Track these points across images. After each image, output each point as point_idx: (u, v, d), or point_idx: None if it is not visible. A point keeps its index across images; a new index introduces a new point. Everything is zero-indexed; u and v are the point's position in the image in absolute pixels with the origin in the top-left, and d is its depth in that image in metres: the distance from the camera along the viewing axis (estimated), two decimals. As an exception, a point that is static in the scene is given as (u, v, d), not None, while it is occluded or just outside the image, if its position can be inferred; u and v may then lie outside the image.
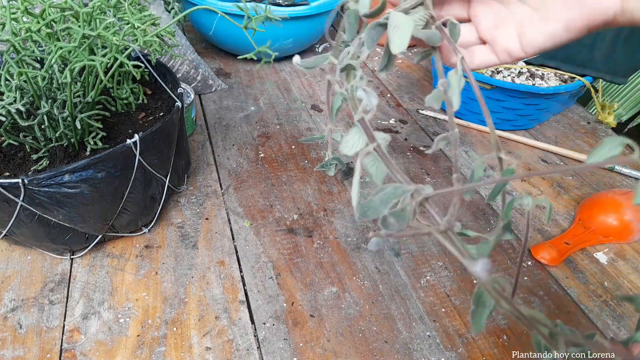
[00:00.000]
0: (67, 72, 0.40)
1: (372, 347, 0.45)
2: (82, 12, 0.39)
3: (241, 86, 0.88)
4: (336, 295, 0.49)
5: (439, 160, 0.71)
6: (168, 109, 0.55)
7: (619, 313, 0.49)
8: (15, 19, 0.38)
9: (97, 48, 0.45)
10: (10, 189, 0.40)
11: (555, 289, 0.52)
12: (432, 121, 0.81)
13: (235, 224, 0.57)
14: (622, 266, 0.55)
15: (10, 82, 0.42)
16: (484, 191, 0.65)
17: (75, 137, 0.48)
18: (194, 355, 0.43)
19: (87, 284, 0.49)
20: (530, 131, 0.79)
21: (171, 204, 0.59)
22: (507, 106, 0.75)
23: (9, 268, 0.50)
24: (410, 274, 0.52)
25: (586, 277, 0.53)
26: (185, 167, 0.60)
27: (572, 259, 0.56)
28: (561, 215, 0.62)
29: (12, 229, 0.45)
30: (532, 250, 0.56)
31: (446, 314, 0.48)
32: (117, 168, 0.44)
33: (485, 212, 0.62)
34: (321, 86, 0.90)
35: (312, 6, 0.88)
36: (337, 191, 0.64)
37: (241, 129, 0.75)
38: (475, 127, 0.79)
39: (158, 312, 0.47)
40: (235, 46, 0.93)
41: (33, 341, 0.43)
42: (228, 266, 0.52)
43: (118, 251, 0.53)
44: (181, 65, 0.78)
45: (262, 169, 0.67)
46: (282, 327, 0.46)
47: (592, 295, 0.51)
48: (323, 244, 0.55)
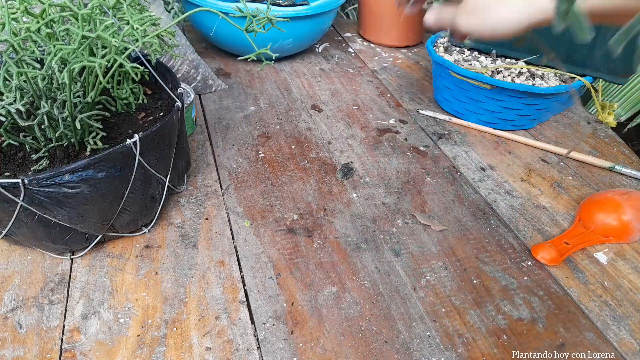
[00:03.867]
0: (65, 73, 0.40)
1: (372, 347, 0.45)
2: (81, 13, 0.39)
3: (241, 86, 0.88)
4: (336, 295, 0.49)
5: (439, 160, 0.71)
6: (168, 109, 0.55)
7: (619, 313, 0.49)
8: (15, 19, 0.38)
9: (96, 48, 0.45)
10: (10, 189, 0.40)
11: (555, 289, 0.52)
12: (432, 121, 0.81)
13: (235, 224, 0.57)
14: (622, 266, 0.55)
15: (9, 82, 0.42)
16: (483, 191, 0.65)
17: (75, 137, 0.48)
18: (194, 355, 0.43)
19: (87, 284, 0.49)
20: (530, 131, 0.79)
21: (171, 204, 0.59)
22: (507, 106, 0.75)
23: (9, 268, 0.50)
24: (410, 274, 0.52)
25: (586, 277, 0.53)
26: (185, 167, 0.60)
27: (572, 259, 0.56)
28: (561, 215, 0.62)
29: (12, 229, 0.45)
30: (532, 250, 0.56)
31: (446, 314, 0.48)
32: (117, 168, 0.44)
33: (485, 212, 0.62)
34: (321, 86, 0.90)
35: (312, 6, 0.88)
36: (337, 191, 0.64)
37: (241, 129, 0.75)
38: (475, 127, 0.79)
39: (158, 312, 0.47)
40: (235, 46, 0.94)
41: (33, 341, 0.43)
42: (228, 266, 0.52)
43: (118, 251, 0.53)
44: (181, 65, 0.78)
45: (262, 169, 0.67)
46: (282, 327, 0.46)
47: (592, 295, 0.51)
48: (323, 244, 0.55)
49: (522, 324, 0.48)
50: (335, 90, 0.89)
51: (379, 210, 0.61)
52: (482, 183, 0.67)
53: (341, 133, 0.76)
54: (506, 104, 0.74)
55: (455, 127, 0.79)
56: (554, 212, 0.62)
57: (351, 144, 0.74)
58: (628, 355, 0.45)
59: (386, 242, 0.56)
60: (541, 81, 0.75)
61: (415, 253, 0.55)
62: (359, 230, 0.58)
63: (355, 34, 1.15)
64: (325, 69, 0.96)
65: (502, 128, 0.78)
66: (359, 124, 0.78)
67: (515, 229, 0.59)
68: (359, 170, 0.68)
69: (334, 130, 0.77)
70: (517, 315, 0.49)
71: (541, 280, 0.53)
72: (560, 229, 0.60)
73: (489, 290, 0.51)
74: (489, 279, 0.52)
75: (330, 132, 0.76)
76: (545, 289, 0.52)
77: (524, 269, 0.54)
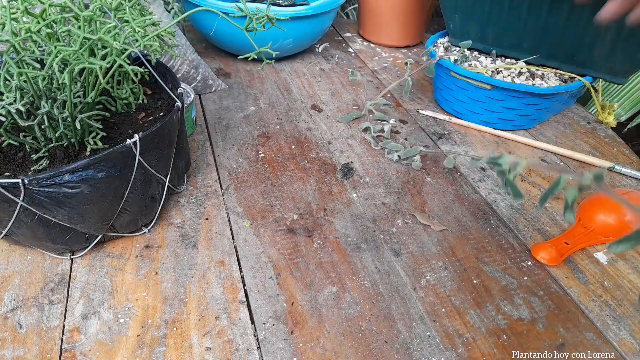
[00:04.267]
0: (66, 73, 0.40)
1: (372, 347, 0.45)
2: (83, 15, 0.39)
3: (241, 86, 0.88)
4: (336, 295, 0.49)
5: (439, 160, 0.71)
6: (168, 109, 0.55)
7: (619, 313, 0.49)
8: (15, 19, 0.38)
9: (97, 48, 0.45)
10: (10, 189, 0.40)
11: (555, 289, 0.52)
12: (432, 121, 0.81)
13: (235, 224, 0.57)
14: (622, 266, 0.55)
15: (10, 82, 0.42)
16: (483, 191, 0.65)
17: (75, 137, 0.48)
18: (194, 355, 0.43)
19: (87, 284, 0.49)
20: (530, 131, 0.80)
21: (171, 204, 0.59)
22: (507, 106, 0.75)
23: (9, 268, 0.50)
24: (410, 274, 0.52)
25: (586, 277, 0.53)
26: (185, 167, 0.60)
27: (572, 259, 0.56)
28: (561, 215, 0.62)
29: (12, 229, 0.45)
30: (532, 250, 0.56)
31: (446, 314, 0.48)
32: (117, 168, 0.44)
33: (485, 212, 0.62)
34: (321, 86, 0.90)
35: (312, 6, 0.88)
36: (337, 191, 0.64)
37: (241, 129, 0.75)
38: (475, 127, 0.79)
39: (158, 312, 0.47)
40: (235, 46, 0.94)
41: (33, 341, 0.43)
42: (228, 266, 0.52)
43: (118, 251, 0.53)
44: (181, 65, 0.78)
45: (262, 169, 0.67)
46: (282, 327, 0.46)
47: (592, 295, 0.51)
48: (323, 244, 0.55)
49: (522, 324, 0.48)
50: (335, 90, 0.89)
51: (379, 210, 0.61)
52: (482, 183, 0.67)
53: (341, 133, 0.76)
54: (506, 104, 0.74)
55: (455, 127, 0.79)
56: (554, 212, 0.62)
57: (351, 144, 0.74)
58: (628, 355, 0.45)
59: (386, 242, 0.56)
60: (541, 81, 0.75)
61: (415, 253, 0.55)
62: (359, 230, 0.58)
63: (355, 34, 1.15)
64: (325, 69, 0.96)
65: (502, 128, 0.78)
66: (359, 124, 0.78)
67: (515, 229, 0.59)
68: (359, 170, 0.68)
69: (334, 130, 0.77)
70: (517, 315, 0.49)
71: (541, 280, 0.53)
72: (560, 229, 0.60)
73: (489, 290, 0.51)
74: (489, 279, 0.53)
75: (330, 132, 0.76)
76: (545, 289, 0.52)
77: (524, 269, 0.54)
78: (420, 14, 1.05)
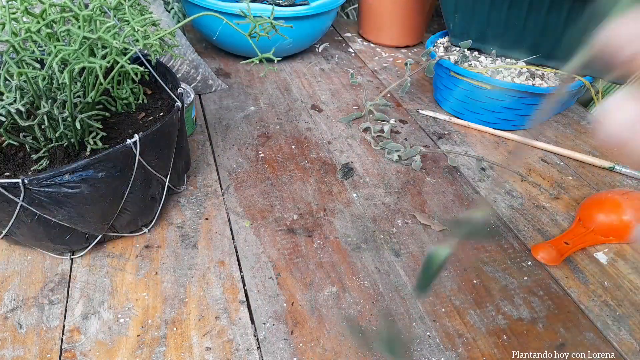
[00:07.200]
0: (65, 73, 0.40)
1: (372, 347, 0.45)
2: (82, 14, 0.39)
3: (241, 86, 0.88)
4: (336, 295, 0.49)
5: (439, 160, 0.71)
6: (168, 109, 0.55)
7: (619, 313, 0.49)
8: (15, 19, 0.38)
9: (96, 48, 0.45)
10: (10, 189, 0.40)
11: (555, 289, 0.52)
12: (432, 121, 0.81)
13: (235, 224, 0.57)
14: (622, 266, 0.55)
15: (10, 82, 0.42)
16: (483, 191, 0.65)
17: (75, 137, 0.48)
18: (194, 355, 0.43)
19: (87, 284, 0.49)
20: (531, 131, 0.79)
21: (171, 204, 0.59)
22: (507, 106, 0.75)
23: (9, 268, 0.50)
24: (410, 274, 0.52)
25: (586, 277, 0.53)
26: (185, 167, 0.60)
27: (572, 259, 0.56)
28: (561, 215, 0.62)
29: (12, 229, 0.45)
30: (532, 250, 0.56)
31: (446, 314, 0.48)
32: (117, 168, 0.44)
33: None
34: (321, 86, 0.90)
35: (312, 6, 0.88)
36: (337, 191, 0.64)
37: (241, 129, 0.75)
38: (475, 127, 0.79)
39: (158, 312, 0.47)
40: (235, 46, 0.94)
41: (33, 341, 0.43)
42: (228, 266, 0.52)
43: (118, 251, 0.53)
44: (181, 65, 0.78)
45: (262, 169, 0.67)
46: (282, 327, 0.46)
47: (592, 295, 0.51)
48: (323, 244, 0.55)
49: (522, 324, 0.48)
50: (335, 90, 0.89)
51: (379, 210, 0.61)
52: (482, 183, 0.67)
53: (341, 133, 0.76)
54: (506, 104, 0.74)
55: (455, 127, 0.79)
56: (554, 212, 0.62)
57: (351, 144, 0.74)
58: (628, 355, 0.45)
59: (386, 242, 0.56)
60: (541, 81, 0.75)
61: (415, 253, 0.55)
62: (359, 230, 0.58)
63: (355, 34, 1.15)
64: (325, 69, 0.96)
65: (502, 128, 0.78)
66: (359, 124, 0.78)
67: (515, 229, 0.59)
68: (359, 170, 0.68)
69: (334, 130, 0.77)
70: (517, 315, 0.49)
71: (541, 280, 0.53)
72: (560, 229, 0.60)
73: (489, 290, 0.51)
74: (489, 279, 0.52)
75: (330, 132, 0.76)
76: (545, 289, 0.52)
77: (524, 269, 0.54)
78: (420, 14, 1.05)
